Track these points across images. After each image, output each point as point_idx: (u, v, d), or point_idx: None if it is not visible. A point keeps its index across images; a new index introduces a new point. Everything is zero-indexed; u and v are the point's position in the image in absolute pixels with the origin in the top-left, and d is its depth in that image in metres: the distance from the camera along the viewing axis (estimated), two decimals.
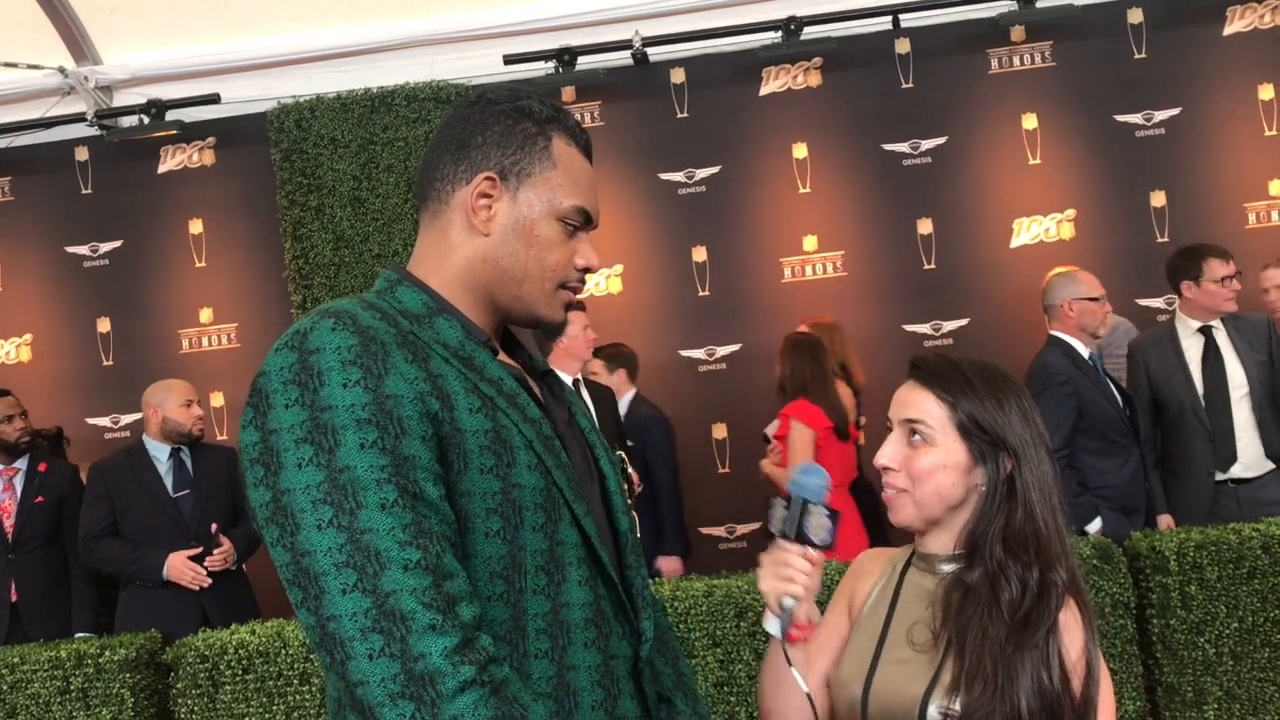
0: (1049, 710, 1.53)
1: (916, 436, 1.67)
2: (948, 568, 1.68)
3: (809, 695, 1.59)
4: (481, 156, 1.45)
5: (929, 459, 1.65)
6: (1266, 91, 5.74)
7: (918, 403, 1.68)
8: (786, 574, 1.55)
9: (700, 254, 5.96)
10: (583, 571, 1.39)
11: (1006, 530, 1.61)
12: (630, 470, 4.57)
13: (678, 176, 5.98)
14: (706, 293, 5.96)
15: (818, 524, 1.56)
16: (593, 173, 1.54)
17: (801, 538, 1.56)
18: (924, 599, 1.68)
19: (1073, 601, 1.61)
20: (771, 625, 1.59)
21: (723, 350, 5.91)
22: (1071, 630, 1.59)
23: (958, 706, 1.54)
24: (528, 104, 1.48)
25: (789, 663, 1.58)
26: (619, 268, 5.99)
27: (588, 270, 1.51)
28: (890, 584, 1.74)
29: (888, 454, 1.69)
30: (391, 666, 1.18)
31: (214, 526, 4.45)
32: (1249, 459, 4.30)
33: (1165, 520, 4.38)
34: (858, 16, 5.73)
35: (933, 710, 1.56)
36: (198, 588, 4.40)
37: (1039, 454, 1.64)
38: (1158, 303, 5.68)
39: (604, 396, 4.76)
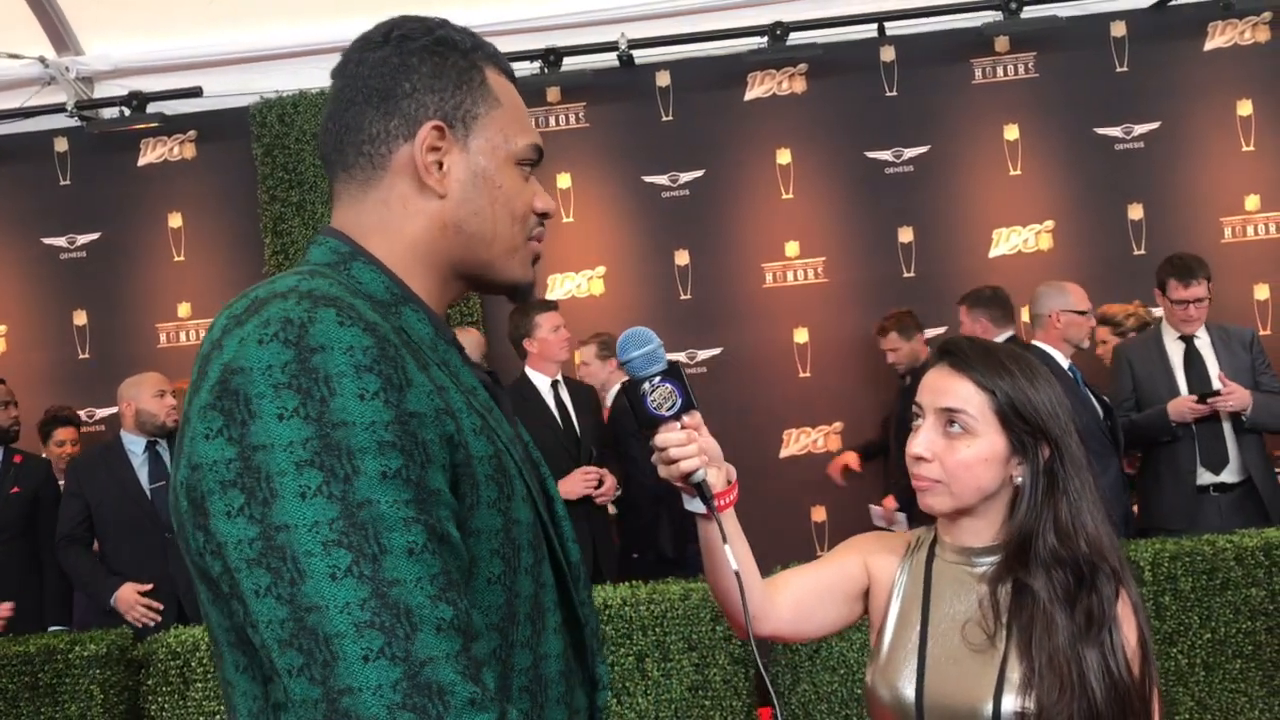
0: (1120, 701, 1.51)
1: (955, 426, 1.59)
2: (985, 560, 1.63)
3: (737, 573, 1.52)
4: (416, 105, 1.20)
5: (969, 451, 1.58)
6: (1245, 107, 5.80)
7: (956, 390, 1.60)
8: (669, 456, 1.48)
9: (682, 257, 5.96)
10: (558, 616, 1.21)
11: (1056, 525, 1.56)
12: (610, 475, 4.54)
13: (661, 179, 5.97)
14: (688, 296, 5.96)
15: (659, 397, 1.45)
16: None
17: (658, 419, 1.46)
18: (963, 594, 1.63)
19: (1124, 588, 1.58)
20: (693, 505, 1.53)
21: (704, 354, 5.91)
22: (1129, 619, 1.57)
23: (1031, 704, 1.51)
24: (447, 33, 1.24)
25: (724, 539, 1.53)
26: (601, 269, 5.98)
27: (546, 215, 1.30)
28: (917, 575, 1.69)
29: (923, 444, 1.61)
30: None
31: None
32: (1234, 463, 4.35)
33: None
34: (844, 24, 5.76)
35: (1007, 709, 1.52)
36: (140, 626, 4.28)
37: (1074, 438, 1.59)
38: None
39: (587, 396, 4.74)
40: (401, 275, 1.20)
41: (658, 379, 1.45)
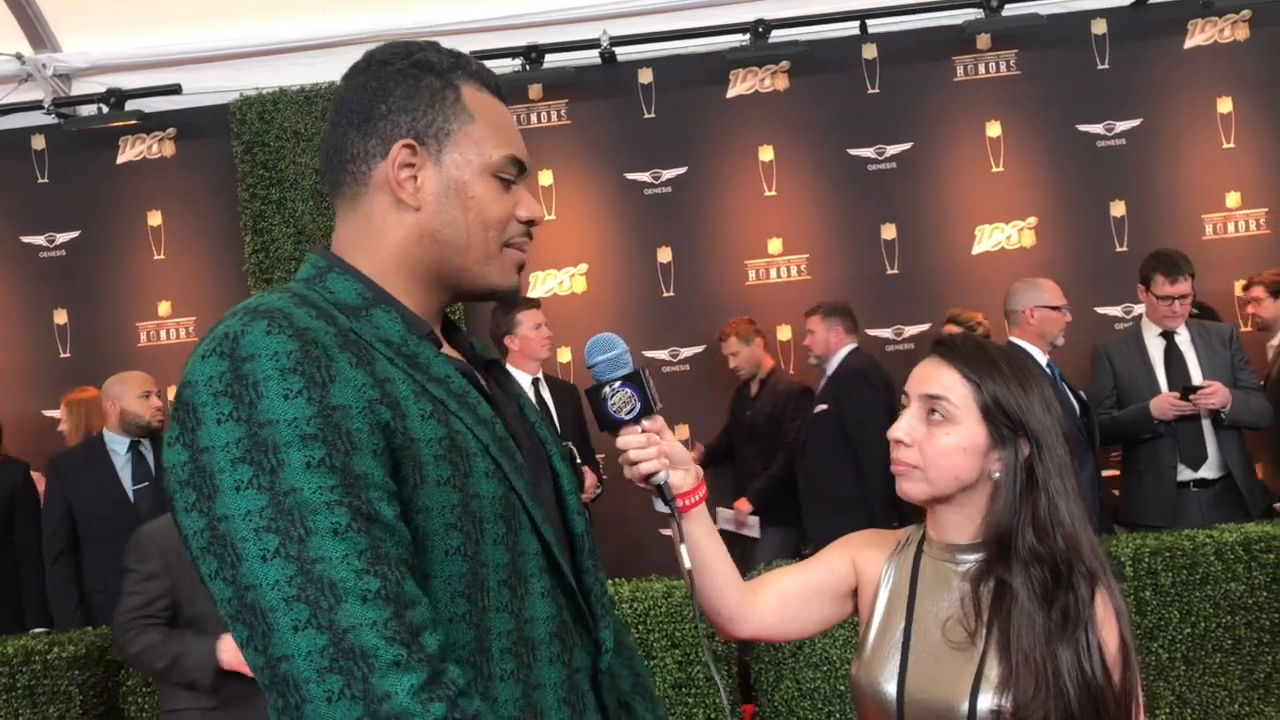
0: (1095, 702, 1.52)
1: (936, 414, 1.62)
2: (969, 558, 1.65)
3: (688, 572, 1.57)
4: (390, 126, 1.32)
5: (949, 439, 1.61)
6: (1225, 105, 5.82)
7: (941, 379, 1.63)
8: (629, 459, 1.52)
9: (665, 255, 5.95)
10: (544, 583, 1.31)
11: (1034, 521, 1.58)
12: (591, 473, 4.55)
13: (644, 176, 5.97)
14: (671, 294, 5.96)
15: (620, 402, 1.49)
16: (511, 116, 1.42)
17: (618, 423, 1.50)
18: (947, 591, 1.64)
19: (1103, 590, 1.59)
20: (660, 506, 1.57)
21: (686, 352, 5.90)
22: (1109, 624, 1.58)
23: (1008, 703, 1.52)
24: (425, 56, 1.35)
25: (680, 539, 1.57)
26: (583, 267, 5.97)
27: (531, 222, 1.39)
28: (904, 571, 1.70)
29: (903, 427, 1.64)
30: (354, 710, 1.07)
31: None
32: (1214, 459, 4.37)
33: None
34: (825, 21, 5.76)
35: (983, 707, 1.53)
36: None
37: (1058, 441, 1.61)
38: (1116, 311, 5.74)
39: (567, 395, 4.74)
40: (383, 282, 1.32)
41: (618, 384, 1.50)
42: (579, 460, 4.46)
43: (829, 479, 4.90)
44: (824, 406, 5.02)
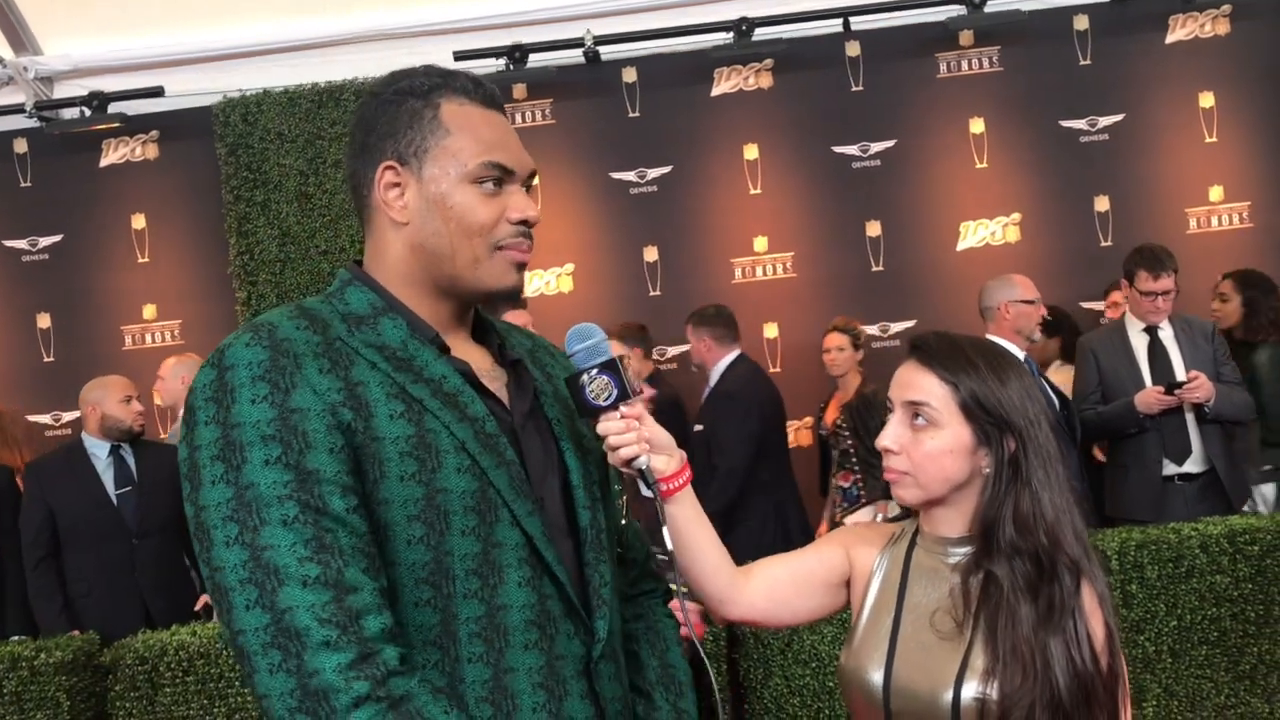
0: (1084, 690, 1.54)
1: (920, 419, 1.64)
2: (959, 550, 1.67)
3: (670, 553, 1.59)
4: (378, 151, 1.45)
5: (934, 443, 1.63)
6: (1206, 99, 5.85)
7: (920, 383, 1.65)
8: (611, 444, 1.53)
9: (651, 254, 5.96)
10: (524, 572, 1.37)
11: (1016, 514, 1.60)
12: None
13: (629, 176, 5.97)
14: (657, 292, 5.96)
15: (597, 389, 1.51)
16: (503, 122, 1.49)
17: (597, 409, 1.52)
18: (937, 583, 1.67)
19: (1088, 580, 1.60)
20: (644, 490, 1.59)
21: (673, 350, 5.90)
22: (1095, 613, 1.60)
23: (994, 692, 1.53)
24: (409, 83, 1.47)
25: (662, 521, 1.59)
26: (570, 266, 5.97)
27: (525, 223, 1.45)
28: (896, 563, 1.72)
29: (890, 436, 1.66)
30: (289, 682, 1.21)
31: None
32: (1198, 454, 4.39)
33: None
34: (809, 18, 5.77)
35: (967, 696, 1.55)
36: None
37: (1042, 430, 1.62)
38: (1100, 306, 5.75)
39: None
40: (396, 293, 1.44)
41: (595, 371, 1.51)
42: None
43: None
44: (699, 428, 4.93)
